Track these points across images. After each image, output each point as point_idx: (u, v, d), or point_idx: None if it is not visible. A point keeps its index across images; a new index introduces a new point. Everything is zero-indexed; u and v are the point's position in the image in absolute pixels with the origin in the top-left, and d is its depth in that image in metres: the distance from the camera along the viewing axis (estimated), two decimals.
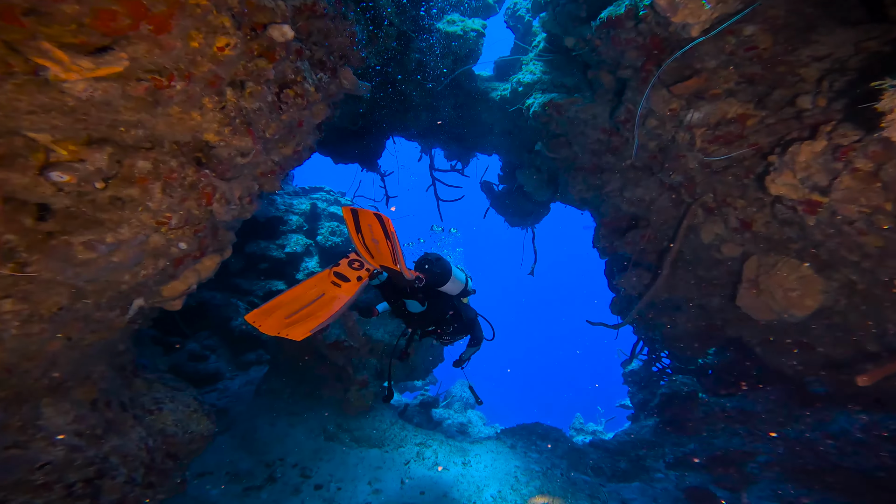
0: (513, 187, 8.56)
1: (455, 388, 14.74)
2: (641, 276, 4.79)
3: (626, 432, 8.93)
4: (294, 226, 9.45)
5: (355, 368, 6.33)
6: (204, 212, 2.56)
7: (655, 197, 4.36)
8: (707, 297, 4.41)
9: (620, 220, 4.98)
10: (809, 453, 6.05)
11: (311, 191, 11.18)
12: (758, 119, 3.03)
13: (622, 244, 4.92)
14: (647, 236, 4.51)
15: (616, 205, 4.89)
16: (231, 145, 2.53)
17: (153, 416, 3.14)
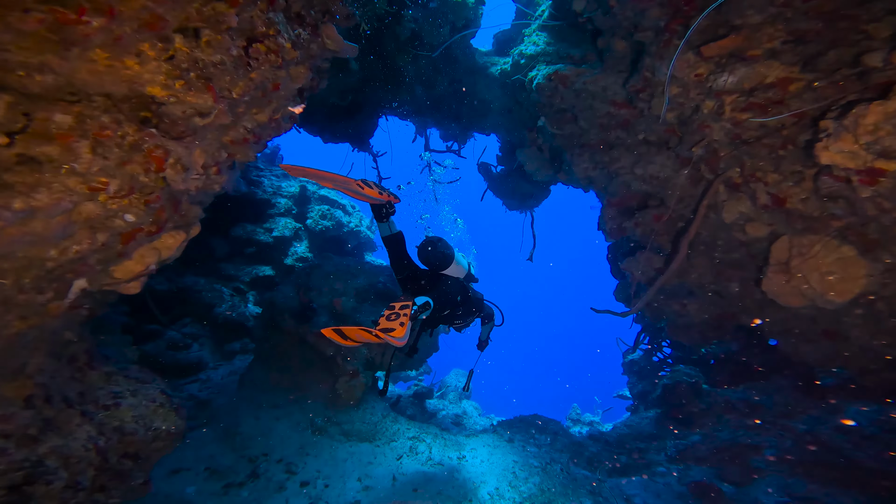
0: (512, 168, 8.14)
1: (450, 377, 14.50)
2: (651, 259, 4.43)
3: (626, 424, 8.70)
4: (282, 209, 9.00)
5: (345, 359, 5.97)
6: (155, 179, 2.15)
7: (670, 174, 3.98)
8: (724, 283, 4.07)
9: (630, 200, 4.61)
10: (819, 447, 5.82)
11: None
12: (804, 83, 2.64)
13: (631, 225, 4.55)
14: (660, 216, 4.15)
15: (626, 183, 4.50)
16: (185, 102, 2.11)
17: (109, 412, 2.76)
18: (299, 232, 9.05)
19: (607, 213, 4.97)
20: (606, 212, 4.98)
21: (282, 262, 8.49)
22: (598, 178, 5.13)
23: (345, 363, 5.96)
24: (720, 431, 6.96)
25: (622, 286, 5.86)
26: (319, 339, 5.90)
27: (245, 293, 7.77)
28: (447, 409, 10.67)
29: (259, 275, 8.02)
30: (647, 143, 4.28)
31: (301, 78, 3.15)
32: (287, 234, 8.63)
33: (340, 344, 2.56)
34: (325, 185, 3.27)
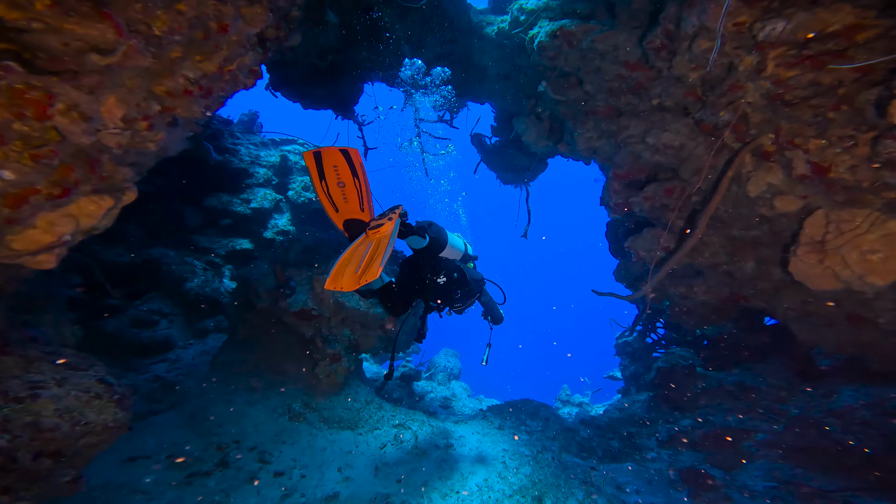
0: (507, 139, 7.61)
1: (439, 357, 14.26)
2: (660, 237, 4.03)
3: (617, 407, 8.53)
4: (261, 179, 8.38)
5: (326, 341, 5.55)
6: (40, 129, 1.63)
7: (687, 142, 3.53)
8: (739, 263, 3.70)
9: (639, 172, 4.16)
10: (812, 431, 5.66)
11: (282, 143, 10.00)
12: (878, 31, 2.18)
13: (639, 200, 4.12)
14: (673, 190, 3.72)
15: (635, 153, 4.04)
16: (64, 31, 1.58)
17: (22, 405, 2.30)
18: (280, 204, 8.47)
19: (612, 186, 4.52)
20: (611, 185, 4.54)
21: (261, 236, 7.95)
22: (604, 149, 4.65)
23: (325, 346, 5.54)
24: (712, 415, 6.77)
25: (623, 266, 5.49)
26: (298, 319, 5.46)
27: (220, 267, 7.25)
28: (435, 392, 10.43)
29: (236, 248, 7.49)
30: (661, 109, 3.80)
31: (257, 20, 2.58)
32: (266, 205, 8.05)
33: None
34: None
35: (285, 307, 5.24)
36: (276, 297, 5.28)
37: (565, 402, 12.77)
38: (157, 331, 6.03)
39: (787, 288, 3.36)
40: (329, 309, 5.52)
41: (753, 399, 6.35)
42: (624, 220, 5.87)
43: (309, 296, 5.36)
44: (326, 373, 5.53)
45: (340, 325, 5.78)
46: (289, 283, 5.29)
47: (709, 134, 3.29)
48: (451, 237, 3.56)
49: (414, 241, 3.25)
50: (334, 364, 5.61)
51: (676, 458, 6.36)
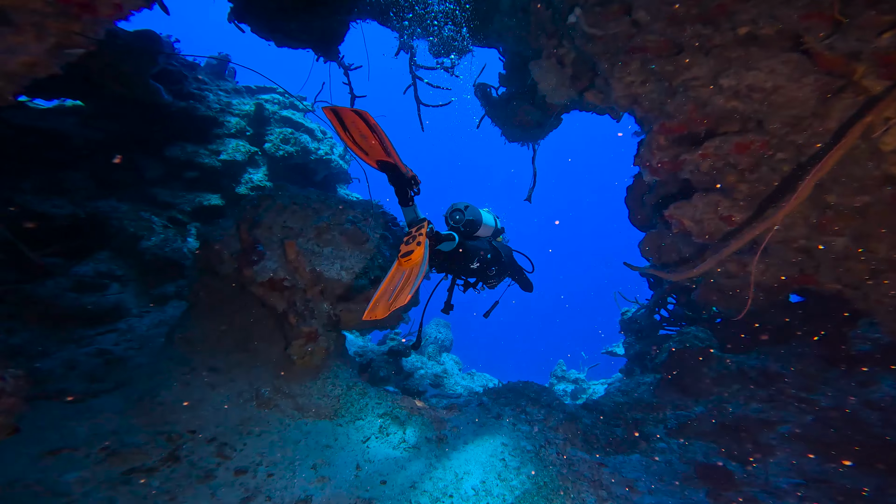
0: (517, 90, 6.60)
1: (429, 328, 13.65)
2: (719, 204, 3.21)
3: (621, 390, 7.99)
4: (233, 129, 7.31)
5: (300, 316, 4.74)
6: None
7: (787, 84, 2.65)
8: (828, 237, 2.92)
9: (697, 123, 3.29)
10: (846, 424, 5.10)
11: (258, 91, 8.82)
12: None
13: (694, 158, 3.27)
14: (748, 146, 2.87)
15: (699, 100, 3.16)
16: None
17: None
18: (255, 157, 7.45)
19: (656, 141, 3.64)
20: (655, 140, 3.65)
21: (233, 191, 6.98)
22: (650, 96, 3.73)
23: (300, 322, 4.73)
24: (729, 403, 6.20)
25: (655, 237, 4.68)
26: (268, 290, 4.62)
27: (185, 225, 6.32)
28: (426, 368, 9.82)
29: (203, 204, 6.53)
30: (750, 40, 2.88)
31: None
32: (239, 157, 7.03)
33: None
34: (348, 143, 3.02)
35: (251, 275, 4.39)
36: (241, 262, 4.41)
37: (560, 378, 12.33)
38: (105, 295, 5.16)
39: (892, 271, 2.63)
40: (304, 279, 4.67)
41: (777, 386, 5.77)
42: (654, 184, 5.01)
43: (280, 263, 4.50)
44: (301, 353, 4.75)
45: (318, 299, 4.96)
46: (256, 247, 4.42)
47: (830, 72, 2.42)
48: (485, 216, 3.57)
49: (445, 245, 3.30)
50: (310, 343, 4.82)
51: (688, 449, 5.82)
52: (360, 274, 5.21)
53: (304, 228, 4.97)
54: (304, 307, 4.80)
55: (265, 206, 4.89)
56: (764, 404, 5.74)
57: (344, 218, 5.54)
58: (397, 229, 6.26)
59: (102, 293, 5.16)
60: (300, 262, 4.51)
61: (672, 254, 4.28)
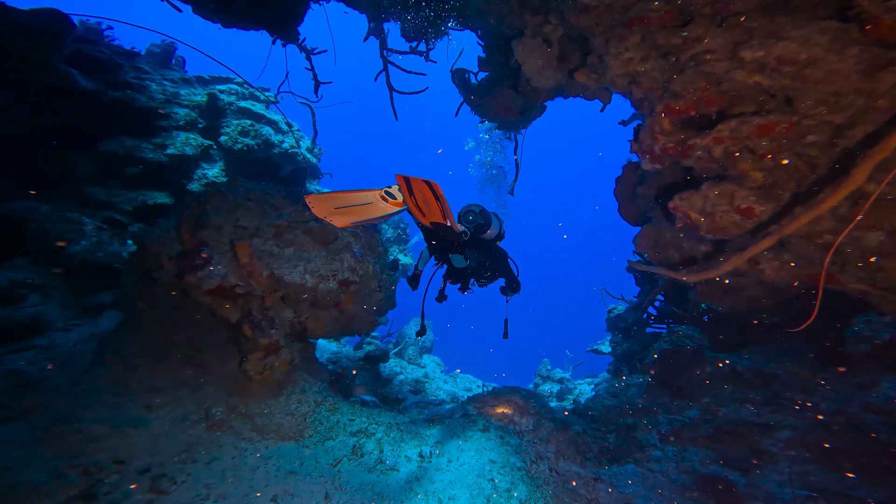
0: (498, 75, 6.12)
1: (409, 328, 13.08)
2: (735, 195, 2.81)
3: (609, 391, 7.67)
4: (181, 121, 6.55)
5: (258, 327, 4.12)
6: None
7: (826, 56, 2.26)
8: (861, 231, 2.56)
9: (708, 104, 2.88)
10: (849, 430, 4.87)
11: (212, 81, 8.03)
12: None
13: (706, 143, 2.86)
14: (772, 128, 2.47)
15: (712, 77, 2.75)
16: None
17: None
18: (210, 151, 6.71)
19: (659, 124, 3.22)
20: (657, 123, 3.23)
21: (183, 187, 6.23)
22: (651, 74, 3.31)
23: (258, 333, 4.11)
24: (724, 406, 5.93)
25: (651, 232, 4.28)
26: (217, 298, 3.98)
27: (126, 226, 5.55)
28: (406, 373, 9.28)
29: (148, 202, 5.77)
30: (777, 6, 2.47)
31: None
32: (189, 151, 6.29)
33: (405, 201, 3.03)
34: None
35: (196, 282, 3.74)
36: (183, 267, 3.75)
37: (545, 378, 12.00)
38: (21, 308, 4.39)
39: None
40: (261, 285, 4.05)
41: (773, 388, 5.52)
42: (646, 175, 4.61)
43: (231, 268, 3.87)
44: (259, 368, 4.14)
45: (279, 306, 4.35)
46: (201, 250, 3.77)
47: (884, 41, 2.03)
48: (493, 220, 3.77)
49: (456, 259, 3.68)
50: (270, 357, 4.21)
51: (684, 457, 5.50)
52: (328, 276, 4.62)
53: (261, 227, 4.34)
54: (262, 316, 4.18)
55: (214, 204, 4.23)
56: (760, 407, 5.47)
57: (308, 215, 4.93)
58: (370, 227, 5.69)
59: (17, 306, 4.39)
60: (255, 266, 3.89)
61: (671, 250, 3.90)
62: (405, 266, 10.71)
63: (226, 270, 3.82)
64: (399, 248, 10.91)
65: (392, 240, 10.95)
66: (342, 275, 4.75)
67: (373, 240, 5.51)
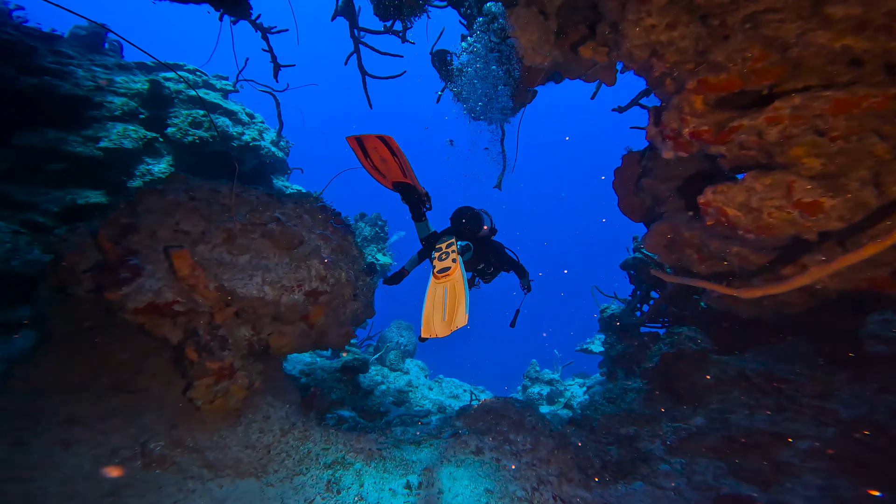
0: (483, 54, 5.51)
1: (390, 331, 12.42)
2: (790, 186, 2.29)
3: (606, 397, 7.23)
4: (116, 111, 5.70)
5: (205, 349, 3.42)
6: None
7: None
8: None
9: (761, 77, 2.34)
10: (878, 439, 4.50)
11: (157, 68, 7.14)
12: None
13: (756, 123, 2.33)
14: (868, 102, 1.95)
15: (773, 43, 2.21)
16: None
17: None
18: (155, 144, 5.89)
19: (689, 104, 2.67)
20: (687, 102, 2.68)
21: (121, 184, 5.41)
22: (678, 44, 2.75)
23: (205, 356, 3.41)
24: (733, 413, 5.52)
25: (664, 230, 3.77)
26: (150, 317, 3.25)
27: (51, 230, 4.71)
28: (388, 383, 8.64)
29: (78, 202, 4.94)
30: None
31: None
32: (128, 144, 5.47)
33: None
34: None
35: (120, 300, 3.01)
36: (103, 282, 3.02)
37: (534, 380, 11.55)
38: None
39: None
40: (209, 300, 3.35)
41: (788, 393, 5.13)
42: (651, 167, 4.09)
43: (166, 281, 3.15)
44: (208, 397, 3.45)
45: (233, 323, 3.66)
46: (127, 261, 3.04)
47: None
48: (484, 218, 3.88)
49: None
50: (223, 382, 3.52)
51: (694, 470, 5.08)
52: (292, 287, 3.94)
53: (209, 232, 3.62)
54: (211, 336, 3.48)
55: (147, 204, 3.49)
56: (773, 414, 5.07)
57: (268, 215, 4.23)
58: (342, 227, 5.02)
59: None
60: (198, 278, 3.18)
61: (688, 250, 3.40)
62: (385, 266, 10.05)
63: (160, 284, 3.10)
64: (377, 248, 10.22)
65: (370, 238, 10.26)
66: (309, 284, 4.08)
67: (346, 242, 4.84)
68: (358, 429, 6.20)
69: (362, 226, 10.38)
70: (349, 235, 5.14)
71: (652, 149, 3.93)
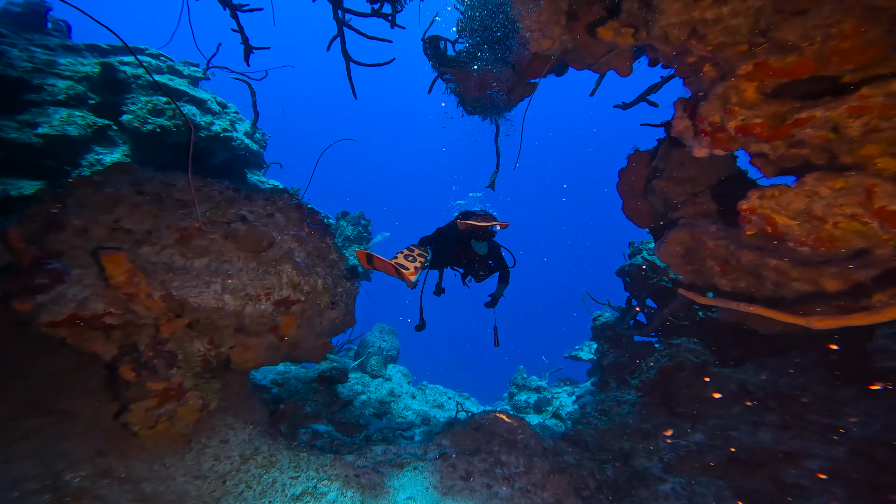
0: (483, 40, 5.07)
1: (372, 335, 11.88)
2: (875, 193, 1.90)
3: (599, 409, 6.89)
4: (60, 95, 5.07)
5: (146, 367, 2.88)
6: None
7: None
8: None
9: (845, 59, 1.94)
10: (893, 460, 4.23)
11: (112, 51, 6.48)
12: None
13: (834, 114, 1.94)
14: None
15: (878, 14, 1.82)
16: None
17: None
18: (108, 132, 5.27)
19: (737, 93, 2.27)
20: (734, 92, 2.28)
21: (66, 174, 4.78)
22: (727, 23, 2.35)
23: (147, 375, 2.87)
24: (735, 430, 5.22)
25: (685, 238, 3.37)
26: (76, 331, 2.69)
27: None
28: (368, 392, 8.12)
29: (11, 193, 4.30)
30: None
31: None
32: (73, 132, 4.85)
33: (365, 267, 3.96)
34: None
35: (32, 311, 2.45)
36: (11, 289, 2.46)
37: (521, 387, 11.18)
38: None
39: None
40: (153, 310, 2.81)
41: (793, 409, 4.84)
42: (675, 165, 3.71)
43: (95, 288, 2.60)
44: (148, 421, 2.92)
45: (184, 336, 3.12)
46: (45, 265, 2.48)
47: None
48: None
49: (479, 246, 4.22)
50: (169, 405, 3.00)
51: (695, 491, 4.75)
52: (258, 296, 3.43)
53: (157, 231, 3.08)
54: (155, 352, 2.94)
55: (79, 197, 2.93)
56: (778, 431, 4.78)
57: (233, 213, 3.71)
58: (319, 227, 4.51)
59: None
60: (138, 286, 2.65)
61: (711, 262, 3.02)
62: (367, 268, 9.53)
63: (87, 293, 2.55)
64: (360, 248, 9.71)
65: (352, 238, 9.71)
66: (279, 293, 3.57)
67: (324, 244, 4.35)
68: (334, 447, 5.67)
69: (344, 225, 9.82)
70: (327, 237, 4.64)
71: (667, 147, 3.55)
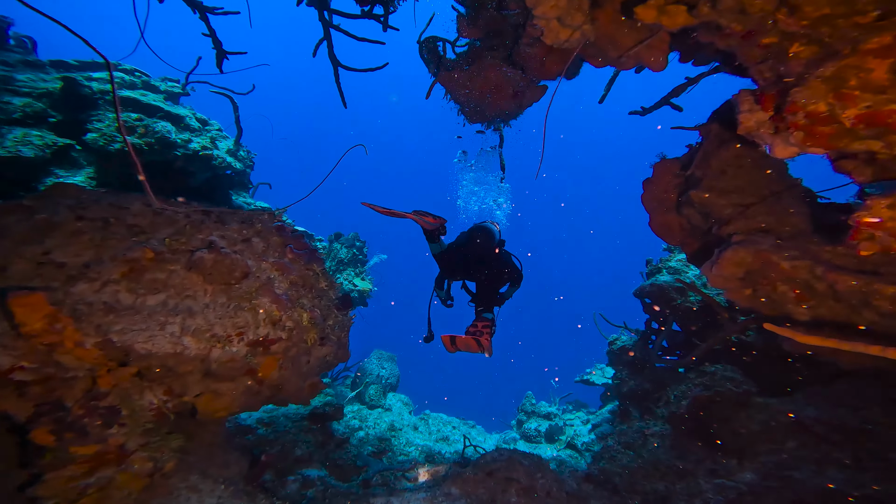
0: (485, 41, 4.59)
1: (370, 362, 11.18)
2: None
3: (623, 442, 6.22)
4: (15, 113, 4.59)
5: (72, 428, 2.26)
6: None
7: None
8: None
9: None
10: None
11: (80, 67, 6.01)
12: None
13: None
14: None
15: None
16: None
17: None
18: (69, 152, 4.74)
19: (857, 74, 1.73)
20: (854, 73, 1.74)
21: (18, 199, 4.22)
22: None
23: (74, 439, 2.24)
24: (792, 469, 4.54)
25: (745, 257, 2.78)
26: None
27: None
28: (367, 428, 7.40)
29: None
30: None
31: None
32: (27, 152, 4.32)
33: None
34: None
35: None
36: None
37: (530, 414, 10.47)
38: None
39: None
40: (87, 361, 2.21)
41: (867, 447, 4.18)
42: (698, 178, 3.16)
43: (2, 339, 2.00)
44: (69, 495, 2.29)
45: (132, 387, 2.51)
46: None
47: None
48: (494, 231, 4.32)
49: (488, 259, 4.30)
50: (102, 471, 2.37)
51: None
52: (228, 336, 2.83)
53: (98, 263, 2.50)
54: (86, 410, 2.31)
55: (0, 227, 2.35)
56: (849, 472, 4.11)
57: (200, 239, 3.13)
58: (305, 253, 3.93)
59: None
60: (62, 334, 2.05)
61: (783, 287, 2.44)
62: (363, 293, 8.90)
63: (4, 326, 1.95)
64: (355, 272, 9.08)
65: (346, 261, 9.12)
66: (255, 331, 2.98)
67: (309, 272, 3.76)
68: (327, 498, 4.99)
69: (338, 247, 9.25)
70: (315, 263, 4.05)
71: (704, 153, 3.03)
